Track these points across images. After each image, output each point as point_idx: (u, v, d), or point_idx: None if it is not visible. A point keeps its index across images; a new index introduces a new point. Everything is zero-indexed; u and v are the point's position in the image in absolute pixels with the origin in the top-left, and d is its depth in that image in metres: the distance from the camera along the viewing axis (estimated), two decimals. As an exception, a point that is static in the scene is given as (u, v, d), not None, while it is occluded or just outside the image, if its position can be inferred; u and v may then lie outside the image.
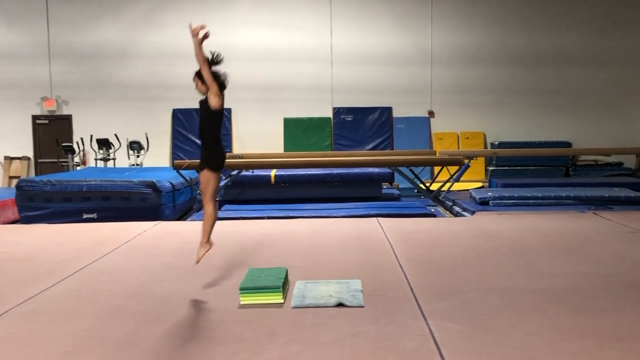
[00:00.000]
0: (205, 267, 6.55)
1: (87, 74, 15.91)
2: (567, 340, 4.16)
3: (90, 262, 6.82)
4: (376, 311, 4.86)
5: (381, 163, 11.78)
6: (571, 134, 16.18)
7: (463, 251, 7.15)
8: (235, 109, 16.03)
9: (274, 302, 5.09)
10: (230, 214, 10.42)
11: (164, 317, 4.84)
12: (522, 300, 5.12)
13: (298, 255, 7.08)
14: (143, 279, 6.05)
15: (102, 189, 10.08)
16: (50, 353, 4.11)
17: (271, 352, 4.06)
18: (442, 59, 16.05)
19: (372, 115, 16.16)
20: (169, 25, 15.86)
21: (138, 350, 4.14)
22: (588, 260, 6.57)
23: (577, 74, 16.15)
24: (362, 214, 10.10)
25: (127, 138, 15.03)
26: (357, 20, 16.03)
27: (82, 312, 5.00)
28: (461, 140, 16.23)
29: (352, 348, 4.10)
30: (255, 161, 11.79)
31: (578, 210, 10.24)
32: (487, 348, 4.05)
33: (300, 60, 15.99)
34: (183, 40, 15.81)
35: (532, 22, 16.06)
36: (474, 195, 11.44)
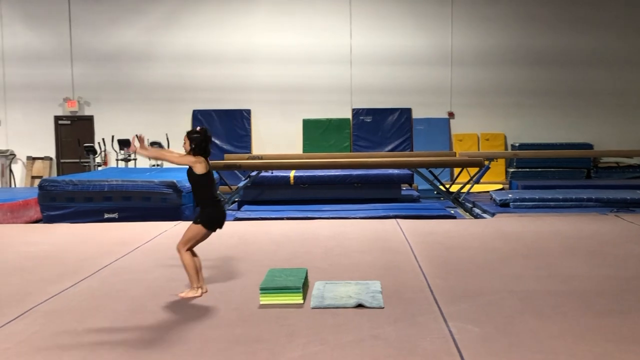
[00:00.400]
0: (226, 266, 6.59)
1: (109, 75, 16.04)
2: (589, 344, 4.12)
3: (111, 262, 6.89)
4: (396, 312, 4.86)
5: (400, 164, 11.75)
6: (593, 136, 16.00)
7: (483, 253, 7.11)
8: (254, 110, 16.08)
9: (293, 302, 5.11)
10: (250, 214, 10.46)
11: (184, 317, 4.87)
12: (544, 303, 5.08)
13: (317, 256, 7.09)
14: (163, 279, 6.09)
15: (123, 189, 10.16)
16: (73, 351, 4.15)
17: (291, 352, 4.07)
18: (463, 60, 15.97)
19: (391, 117, 16.12)
20: (188, 28, 15.95)
21: (159, 349, 4.17)
22: (610, 263, 6.51)
23: (599, 74, 15.98)
24: (381, 215, 10.09)
25: (148, 139, 15.09)
26: (377, 21, 16.00)
27: (104, 311, 5.05)
28: (481, 141, 16.14)
29: (371, 349, 4.10)
30: (275, 162, 11.82)
31: (599, 212, 10.14)
32: (508, 351, 4.02)
33: (320, 62, 16.00)
34: (203, 42, 15.97)
35: (553, 23, 15.92)
36: (494, 197, 11.37)
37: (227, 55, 15.93)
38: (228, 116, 16.02)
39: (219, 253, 7.27)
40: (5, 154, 16.01)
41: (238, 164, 11.45)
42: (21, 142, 16.15)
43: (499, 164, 15.55)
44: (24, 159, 16.26)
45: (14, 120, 16.18)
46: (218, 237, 8.31)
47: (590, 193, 11.01)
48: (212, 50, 15.94)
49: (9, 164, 16.04)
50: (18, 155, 16.24)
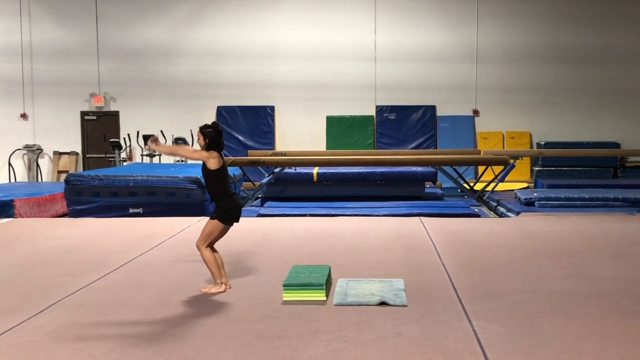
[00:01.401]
0: (249, 262, 6.61)
1: (134, 72, 16.18)
2: (616, 346, 4.07)
3: (136, 256, 6.95)
4: (419, 311, 4.84)
5: (424, 162, 11.69)
6: (620, 135, 15.78)
7: (507, 252, 7.05)
8: (278, 107, 16.11)
9: (316, 299, 5.11)
10: (273, 210, 10.49)
11: (207, 311, 4.90)
12: (570, 303, 5.02)
13: (341, 253, 7.09)
14: (187, 274, 6.13)
15: (148, 184, 10.23)
16: (99, 344, 4.20)
17: (314, 348, 4.07)
18: (488, 57, 15.83)
19: (415, 114, 16.04)
20: (213, 24, 16.02)
21: (182, 342, 4.20)
22: (637, 264, 6.42)
23: (626, 72, 15.74)
24: (404, 213, 10.05)
25: (173, 134, 15.25)
26: (402, 17, 15.92)
27: (129, 305, 5.09)
28: (506, 139, 16.00)
29: (395, 347, 4.08)
30: (298, 159, 11.83)
31: (626, 212, 10.01)
32: (533, 351, 3.98)
33: (344, 58, 15.97)
34: (227, 38, 16.03)
35: (579, 20, 15.71)
36: (519, 195, 11.27)
37: (252, 52, 15.97)
38: (252, 112, 16.06)
39: (242, 249, 7.30)
40: (32, 148, 16.23)
41: (261, 160, 11.49)
42: (48, 137, 16.36)
43: (524, 163, 15.40)
44: (51, 153, 16.47)
45: (41, 115, 16.40)
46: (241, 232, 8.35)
47: (617, 193, 10.86)
48: (236, 47, 16.00)
49: (35, 159, 16.26)
50: (45, 150, 16.46)
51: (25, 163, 16.33)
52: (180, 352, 4.05)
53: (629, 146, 15.45)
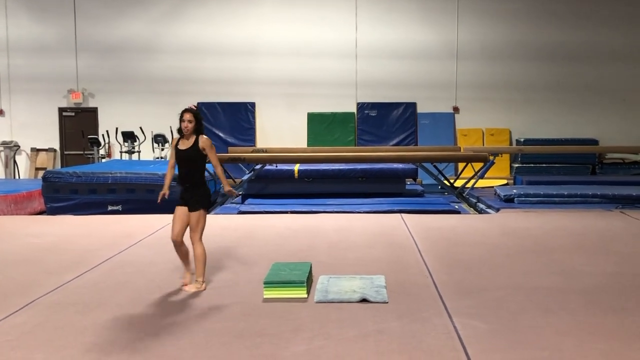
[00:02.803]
0: (229, 260, 6.57)
1: (113, 67, 16.01)
2: (596, 341, 4.09)
3: (114, 254, 6.88)
4: (400, 307, 4.83)
5: (405, 159, 11.70)
6: (598, 131, 15.91)
7: (488, 249, 7.08)
8: (259, 104, 16.03)
9: (297, 296, 5.09)
10: (254, 208, 10.44)
11: (188, 310, 4.85)
12: (549, 299, 5.05)
13: (322, 250, 7.07)
14: (167, 272, 6.08)
15: (127, 181, 10.14)
16: (76, 343, 4.14)
17: (295, 346, 4.05)
18: (468, 54, 15.88)
19: (396, 111, 16.05)
20: (194, 20, 15.89)
21: (162, 342, 4.16)
22: (615, 260, 6.48)
23: (604, 70, 15.88)
24: (385, 210, 10.05)
25: (152, 131, 15.12)
26: (383, 14, 15.91)
27: (107, 304, 5.03)
28: (486, 136, 16.07)
29: (376, 344, 4.07)
30: (279, 155, 11.78)
31: (605, 208, 10.10)
32: (513, 348, 4.00)
33: (325, 55, 15.93)
34: (208, 34, 15.92)
35: (559, 18, 15.82)
36: (499, 192, 11.33)
37: (233, 48, 15.88)
38: (233, 109, 15.98)
39: (223, 246, 7.25)
40: (9, 145, 16.01)
41: (242, 157, 11.43)
42: (25, 133, 16.14)
43: (504, 159, 15.49)
44: (28, 150, 16.25)
45: (18, 111, 16.17)
46: (222, 230, 8.31)
47: (596, 189, 10.95)
48: (217, 43, 15.89)
49: (13, 155, 16.04)
50: (22, 147, 16.24)
51: (2, 160, 16.11)
52: (159, 351, 4.00)
53: (607, 143, 15.60)
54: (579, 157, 15.22)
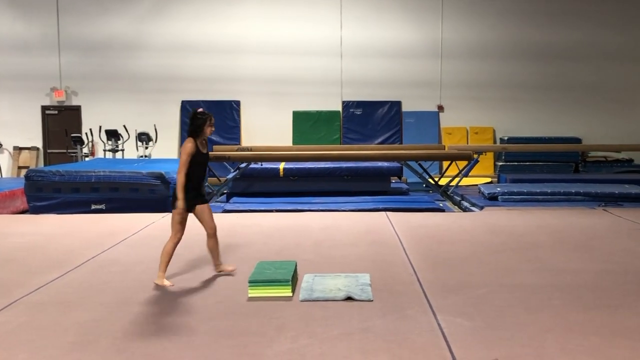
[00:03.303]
0: (214, 259, 6.54)
1: (97, 65, 15.90)
2: (578, 338, 4.13)
3: (98, 253, 6.83)
4: (385, 305, 4.84)
5: (390, 157, 11.73)
6: (581, 130, 16.05)
7: (472, 246, 7.11)
8: (244, 102, 16.00)
9: (282, 295, 5.08)
10: (239, 206, 10.41)
11: (171, 309, 4.83)
12: (533, 296, 5.08)
13: (307, 248, 7.06)
14: (151, 271, 6.04)
15: (111, 180, 10.07)
16: (59, 343, 4.11)
17: (280, 345, 4.05)
18: (453, 53, 15.95)
19: (381, 109, 16.09)
20: (178, 18, 15.82)
21: (146, 341, 4.13)
22: (598, 257, 6.53)
23: (587, 69, 16.01)
24: (370, 208, 10.07)
25: (136, 129, 15.03)
26: (367, 12, 15.93)
27: (90, 303, 5.00)
28: (470, 135, 16.15)
29: (361, 342, 4.08)
30: (264, 154, 11.76)
31: (588, 206, 10.18)
32: (497, 345, 4.02)
33: (310, 54, 15.93)
34: (193, 32, 15.85)
35: (543, 17, 15.92)
36: (483, 190, 11.38)
37: (217, 46, 15.83)
38: (217, 107, 15.92)
39: (208, 245, 7.22)
40: (-9, 143, 15.86)
41: (227, 155, 11.39)
42: (8, 132, 15.99)
43: (488, 158, 15.58)
44: (11, 149, 16.10)
45: (1, 109, 16.03)
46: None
47: (579, 187, 11.04)
48: (202, 41, 15.84)
49: (-5, 154, 15.89)
50: (5, 145, 16.09)
51: (-16, 159, 15.95)
52: (143, 351, 3.98)
53: (590, 141, 15.73)
54: (562, 155, 15.34)
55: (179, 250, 6.95)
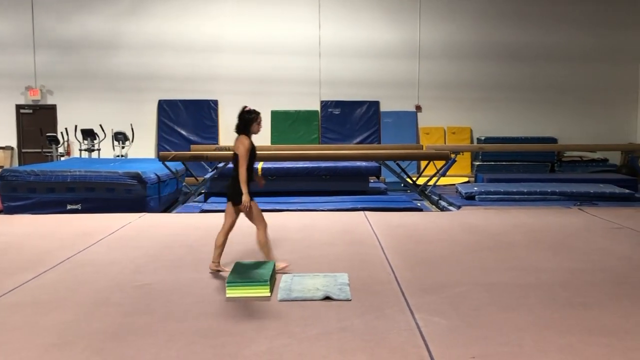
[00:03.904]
0: (192, 259, 6.51)
1: (73, 64, 15.73)
2: (554, 336, 4.17)
3: (74, 254, 6.76)
4: (363, 305, 4.85)
5: (368, 157, 11.76)
6: (557, 130, 16.24)
7: (449, 245, 7.15)
8: (222, 101, 15.93)
9: (260, 295, 5.07)
10: (217, 206, 10.35)
11: (149, 310, 4.79)
12: (509, 295, 5.13)
13: (285, 248, 7.05)
14: (128, 271, 5.99)
15: (87, 179, 9.97)
16: (34, 345, 4.06)
17: (258, 345, 4.03)
18: (430, 54, 16.04)
19: (359, 109, 16.12)
20: (155, 16, 15.71)
21: (122, 342, 4.10)
22: (574, 256, 6.60)
23: (562, 70, 16.20)
24: (349, 208, 10.08)
25: (112, 129, 14.89)
26: (346, 13, 15.96)
27: (66, 304, 4.94)
28: (448, 135, 16.25)
29: (339, 342, 4.08)
30: (242, 153, 11.69)
31: (563, 205, 10.30)
32: (474, 343, 4.05)
33: (289, 53, 15.91)
34: (170, 31, 15.74)
35: (519, 19, 16.08)
36: (460, 189, 11.46)
37: (195, 45, 15.75)
38: (195, 106, 15.85)
39: (185, 245, 7.19)
40: (-36, 143, 15.62)
41: (205, 155, 11.34)
42: (-19, 131, 15.76)
43: (465, 157, 15.69)
44: (-16, 148, 15.87)
45: (-26, 108, 15.79)
46: (184, 229, 8.25)
47: (554, 186, 11.15)
48: (179, 40, 15.74)
49: (-32, 154, 15.64)
50: (-22, 145, 15.86)
51: (-43, 158, 15.69)
52: (120, 351, 3.95)
53: (566, 141, 15.92)
54: (538, 155, 15.50)
55: (153, 251, 6.92)
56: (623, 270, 6.01)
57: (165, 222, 8.92)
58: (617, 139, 16.10)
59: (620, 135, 16.28)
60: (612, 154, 15.84)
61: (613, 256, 6.59)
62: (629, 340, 4.10)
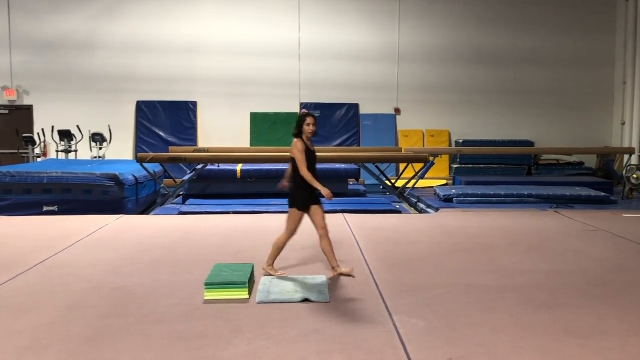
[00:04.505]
0: (170, 261, 6.47)
1: (50, 64, 15.56)
2: (530, 337, 4.21)
3: (50, 256, 6.69)
4: (341, 307, 4.86)
5: (348, 159, 11.78)
6: (534, 133, 16.40)
7: (428, 248, 7.19)
8: (201, 102, 15.86)
9: (239, 297, 5.06)
10: (195, 208, 10.32)
11: (126, 312, 4.76)
12: (487, 297, 5.17)
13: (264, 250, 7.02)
14: (105, 273, 5.94)
15: (64, 181, 9.87)
16: (9, 348, 4.01)
17: (236, 347, 4.02)
18: (409, 57, 16.12)
19: (339, 112, 16.15)
20: (134, 16, 15.60)
21: (99, 345, 4.06)
22: (550, 258, 6.67)
23: (541, 74, 16.37)
24: (328, 210, 9.99)
25: (90, 130, 14.75)
26: (326, 15, 15.98)
27: (42, 307, 4.89)
28: (426, 137, 16.34)
29: (317, 344, 4.09)
30: (221, 155, 11.68)
31: (540, 208, 10.40)
32: (452, 344, 4.07)
33: (269, 55, 15.89)
34: (149, 31, 15.65)
35: (497, 23, 16.22)
36: (438, 192, 11.53)
37: (174, 46, 15.66)
38: (173, 108, 15.76)
39: (163, 247, 7.15)
40: (-62, 143, 15.37)
41: (183, 156, 11.29)
42: (-45, 131, 15.54)
43: (443, 160, 15.79)
44: (-41, 149, 15.65)
45: (-52, 108, 15.56)
46: (162, 231, 8.20)
47: (531, 189, 11.27)
48: (158, 41, 15.65)
49: (-58, 154, 15.41)
50: (-48, 145, 15.63)
51: None
52: (96, 354, 3.91)
53: (543, 145, 16.10)
54: (515, 158, 15.64)
55: (131, 253, 6.86)
56: (598, 272, 6.09)
57: (143, 224, 8.86)
58: (593, 143, 16.31)
59: (596, 139, 16.49)
60: (588, 158, 16.05)
61: (588, 258, 6.68)
62: (603, 341, 4.15)
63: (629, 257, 6.76)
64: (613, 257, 6.73)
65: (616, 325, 4.47)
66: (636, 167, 12.14)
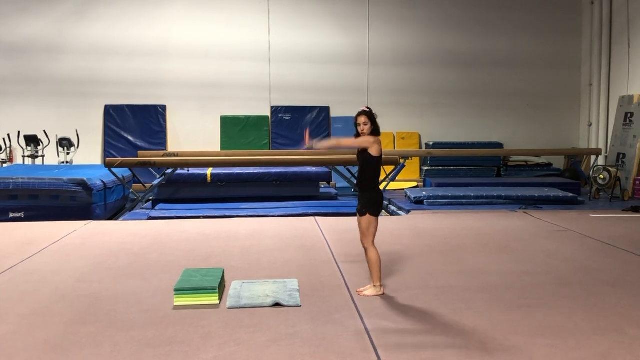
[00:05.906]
0: (139, 267, 6.39)
1: (15, 68, 15.29)
2: (499, 338, 4.24)
3: (16, 263, 6.56)
4: (313, 311, 4.85)
5: (319, 162, 11.78)
6: (503, 135, 16.57)
7: (398, 250, 7.22)
8: (170, 106, 15.72)
9: (209, 303, 5.01)
10: (165, 213, 10.22)
11: (94, 320, 4.68)
12: (457, 298, 5.20)
13: (235, 254, 7.00)
14: (72, 280, 5.85)
15: (30, 187, 9.70)
16: (-28, 359, 3.92)
17: (205, 353, 3.98)
18: (379, 60, 16.17)
19: (310, 115, 16.14)
20: (102, 19, 15.40)
21: (66, 353, 3.99)
22: (519, 259, 6.74)
23: (509, 76, 16.54)
24: (300, 213, 10.07)
25: (57, 135, 14.52)
26: (295, 18, 15.96)
27: (7, 315, 4.79)
28: (397, 140, 16.40)
29: (288, 348, 4.06)
30: (191, 159, 11.59)
31: (509, 209, 10.51)
32: (422, 346, 4.08)
33: (238, 58, 15.81)
34: (117, 34, 15.47)
35: (467, 25, 16.36)
36: (409, 194, 11.58)
37: (142, 49, 15.50)
38: (142, 112, 15.60)
39: (132, 253, 7.06)
40: None
41: (152, 160, 11.18)
42: None
43: (414, 163, 15.86)
44: None
45: None
46: (131, 236, 8.10)
47: (501, 191, 11.38)
48: (125, 43, 15.47)
49: None
50: None
51: None
52: (63, 363, 3.84)
53: (512, 146, 16.26)
54: (485, 160, 15.77)
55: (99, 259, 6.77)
56: (566, 272, 6.17)
57: (112, 229, 8.75)
58: (560, 144, 16.53)
59: (564, 140, 16.72)
60: (556, 159, 16.25)
61: (557, 258, 6.76)
62: (571, 340, 4.20)
63: (596, 257, 6.85)
64: (581, 257, 6.83)
65: (584, 325, 4.52)
66: (602, 168, 12.33)
